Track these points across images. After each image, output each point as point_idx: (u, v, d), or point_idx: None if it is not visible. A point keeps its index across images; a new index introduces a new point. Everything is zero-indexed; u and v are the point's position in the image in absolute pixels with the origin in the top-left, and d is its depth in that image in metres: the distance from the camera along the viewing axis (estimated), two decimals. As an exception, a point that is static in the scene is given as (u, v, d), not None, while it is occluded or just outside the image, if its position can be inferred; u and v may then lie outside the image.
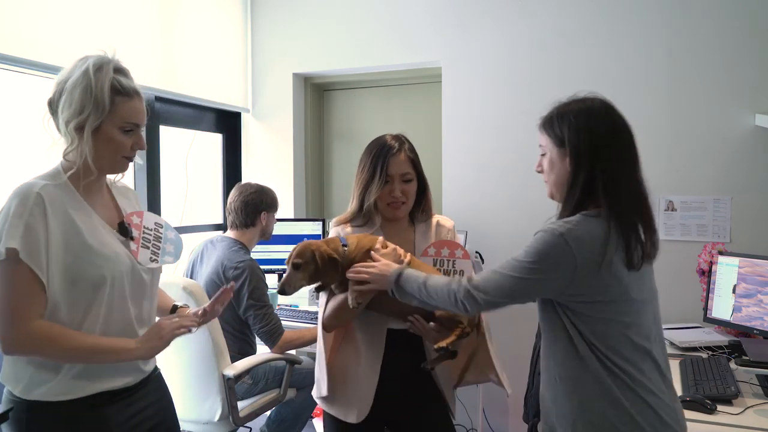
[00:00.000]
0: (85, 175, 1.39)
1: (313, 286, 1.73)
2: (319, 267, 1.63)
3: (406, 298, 1.53)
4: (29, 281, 1.29)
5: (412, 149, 1.84)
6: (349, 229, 1.83)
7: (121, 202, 1.56)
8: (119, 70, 1.42)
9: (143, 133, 1.50)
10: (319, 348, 1.79)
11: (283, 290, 1.64)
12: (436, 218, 1.91)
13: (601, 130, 1.34)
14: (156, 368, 1.63)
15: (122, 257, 1.44)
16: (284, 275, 1.67)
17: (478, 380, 1.85)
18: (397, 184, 1.78)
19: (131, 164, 1.51)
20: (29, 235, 1.28)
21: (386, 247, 1.69)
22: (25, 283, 1.29)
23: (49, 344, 1.32)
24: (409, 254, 1.71)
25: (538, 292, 1.37)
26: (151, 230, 1.56)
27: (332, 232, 1.85)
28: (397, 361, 1.75)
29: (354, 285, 1.62)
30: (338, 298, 1.71)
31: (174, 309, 1.68)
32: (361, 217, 1.82)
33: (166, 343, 1.49)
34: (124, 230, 1.50)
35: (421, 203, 1.87)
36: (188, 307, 1.71)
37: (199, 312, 1.63)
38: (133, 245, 1.50)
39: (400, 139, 1.83)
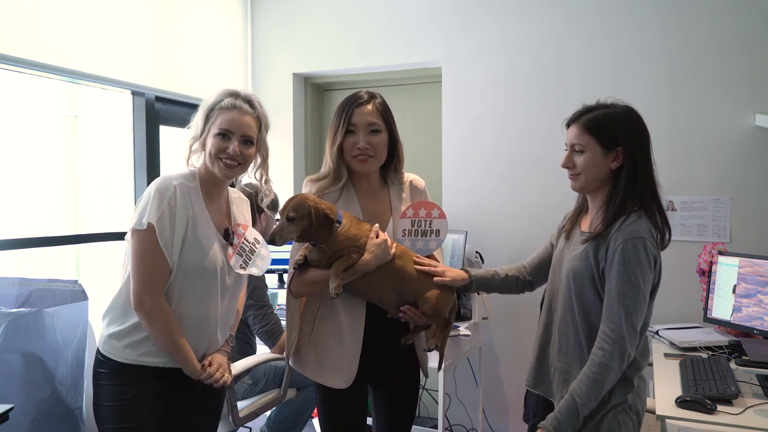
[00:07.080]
0: (210, 179, 1.73)
1: (299, 257, 1.72)
2: (313, 224, 1.60)
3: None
4: (158, 252, 1.59)
5: (383, 104, 1.78)
6: (312, 186, 1.78)
7: (235, 211, 1.83)
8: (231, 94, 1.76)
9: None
10: (290, 313, 1.77)
11: (273, 240, 1.62)
12: (408, 177, 1.88)
13: (643, 132, 1.59)
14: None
15: (216, 256, 1.68)
16: (276, 225, 1.65)
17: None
18: (362, 135, 1.73)
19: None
20: (164, 217, 1.59)
21: (378, 236, 1.68)
22: (155, 254, 1.59)
23: (157, 326, 1.60)
24: (395, 244, 1.72)
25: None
26: (249, 242, 1.81)
27: (305, 188, 1.81)
28: (377, 328, 1.75)
29: (336, 270, 1.62)
30: (318, 274, 1.68)
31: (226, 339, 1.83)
32: (333, 174, 1.78)
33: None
34: (227, 236, 1.74)
35: (393, 162, 1.83)
36: (230, 344, 1.84)
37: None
38: (230, 250, 1.74)
39: (372, 93, 1.79)
